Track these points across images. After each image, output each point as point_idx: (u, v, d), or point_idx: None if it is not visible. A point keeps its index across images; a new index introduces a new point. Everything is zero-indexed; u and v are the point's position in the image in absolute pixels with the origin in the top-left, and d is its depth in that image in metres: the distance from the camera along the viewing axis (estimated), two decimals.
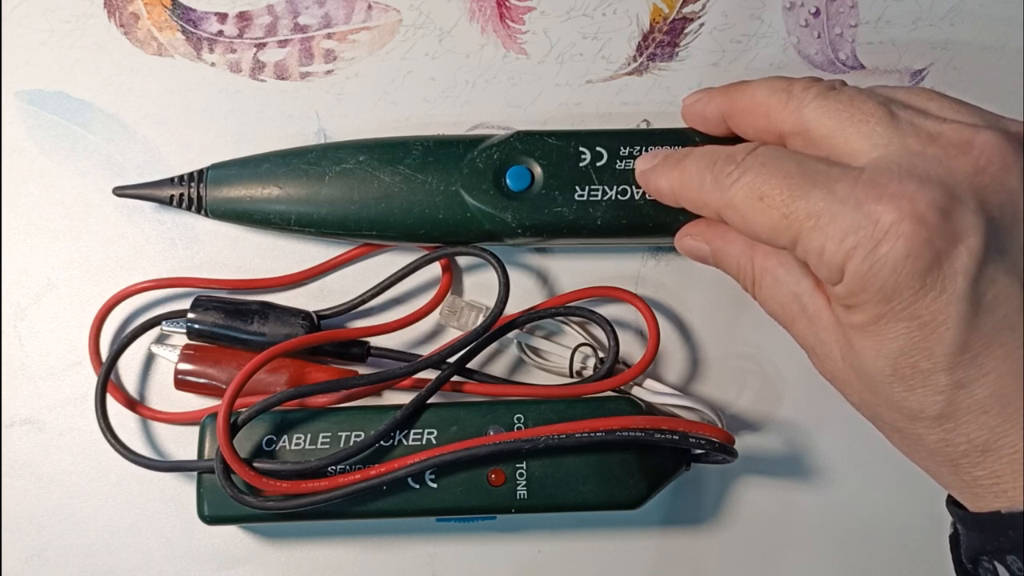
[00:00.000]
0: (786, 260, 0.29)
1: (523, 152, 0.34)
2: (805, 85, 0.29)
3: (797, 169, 0.27)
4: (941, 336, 0.24)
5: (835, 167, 0.26)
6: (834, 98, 0.28)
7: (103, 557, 0.35)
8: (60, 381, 0.35)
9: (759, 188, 0.27)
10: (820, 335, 0.28)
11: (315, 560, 0.35)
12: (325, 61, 0.37)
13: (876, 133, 0.26)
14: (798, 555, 0.35)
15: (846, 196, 0.25)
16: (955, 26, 0.38)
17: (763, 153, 0.28)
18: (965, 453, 0.25)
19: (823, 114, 0.28)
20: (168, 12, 0.38)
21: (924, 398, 0.25)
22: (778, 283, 0.29)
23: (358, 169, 0.34)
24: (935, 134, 0.26)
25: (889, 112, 0.27)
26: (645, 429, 0.31)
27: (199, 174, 0.35)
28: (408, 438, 0.32)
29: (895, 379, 0.26)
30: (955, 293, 0.24)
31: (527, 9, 0.38)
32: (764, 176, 0.27)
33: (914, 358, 0.25)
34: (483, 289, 0.36)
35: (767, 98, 0.30)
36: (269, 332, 0.34)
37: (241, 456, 0.31)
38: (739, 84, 0.31)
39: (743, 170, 0.28)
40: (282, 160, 0.35)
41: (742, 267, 0.31)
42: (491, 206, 0.33)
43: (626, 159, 0.34)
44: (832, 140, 0.27)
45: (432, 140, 0.35)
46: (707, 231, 0.32)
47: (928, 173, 0.25)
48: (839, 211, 0.25)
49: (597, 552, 0.35)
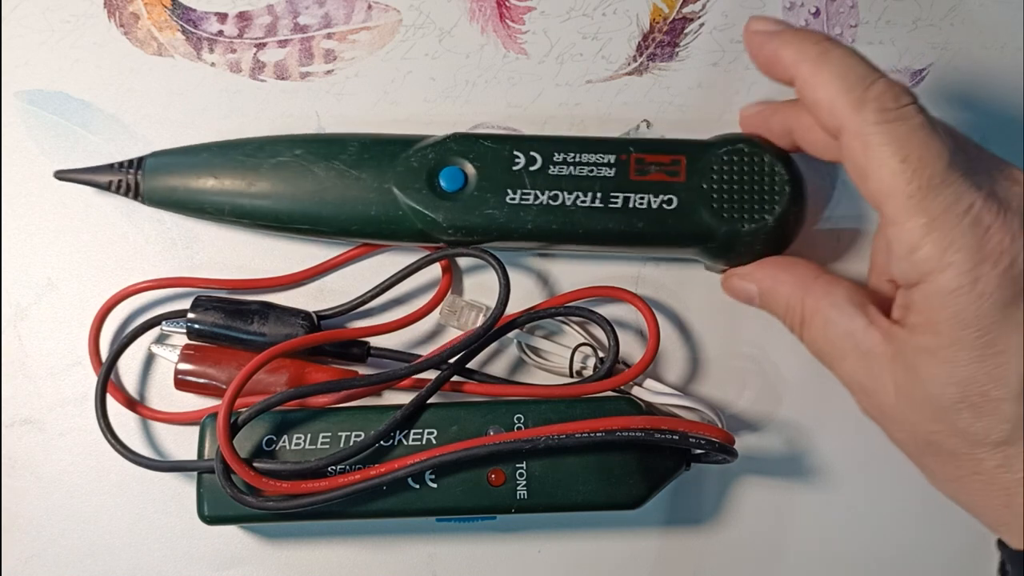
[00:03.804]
0: (838, 301, 0.29)
1: (458, 153, 0.34)
2: (879, 96, 0.27)
3: (948, 155, 0.26)
4: (1015, 367, 0.25)
5: (968, 176, 0.26)
6: (899, 126, 0.27)
7: (103, 557, 0.35)
8: (60, 381, 0.35)
9: (907, 150, 0.26)
10: (872, 371, 0.28)
11: (315, 560, 0.35)
12: (325, 61, 0.37)
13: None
14: (798, 555, 0.35)
15: (967, 210, 0.25)
16: (955, 26, 0.38)
17: (926, 115, 0.27)
18: (1021, 481, 0.26)
19: (888, 141, 0.27)
20: (168, 12, 0.38)
21: (991, 425, 0.26)
22: (829, 323, 0.29)
23: (293, 163, 0.34)
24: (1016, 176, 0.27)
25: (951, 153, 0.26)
26: (645, 429, 0.31)
27: (138, 161, 0.35)
28: (408, 438, 0.32)
29: (963, 405, 0.26)
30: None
31: (527, 9, 0.38)
32: (919, 141, 0.26)
33: (985, 386, 0.25)
34: (483, 289, 0.36)
35: (838, 93, 0.27)
36: (269, 332, 0.34)
37: (241, 456, 0.31)
38: (815, 54, 0.28)
39: (902, 117, 0.26)
40: (220, 151, 0.35)
41: (791, 307, 0.31)
42: (423, 205, 0.33)
43: (559, 164, 0.34)
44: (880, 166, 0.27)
45: (369, 138, 0.35)
46: (758, 272, 0.32)
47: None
48: (955, 222, 0.25)
49: (597, 552, 0.35)
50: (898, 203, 0.26)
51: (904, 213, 0.26)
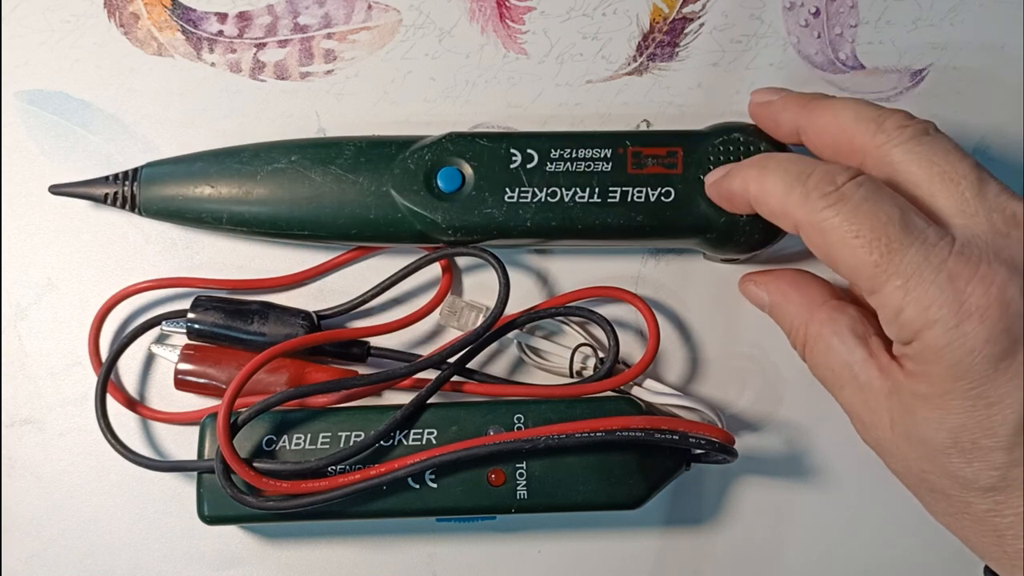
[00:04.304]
0: (840, 330, 0.29)
1: (454, 153, 0.34)
2: (898, 123, 0.28)
3: (900, 218, 0.26)
4: (1006, 417, 0.25)
5: (931, 228, 0.26)
6: (928, 145, 0.27)
7: (103, 557, 0.35)
8: (60, 381, 0.35)
9: (857, 225, 0.26)
10: (870, 403, 0.28)
11: (315, 560, 0.35)
12: (325, 61, 0.37)
13: (965, 199, 0.27)
14: (798, 555, 0.35)
15: (939, 265, 0.25)
16: (955, 26, 0.38)
17: (867, 187, 0.27)
18: (1011, 525, 0.26)
19: (913, 160, 0.27)
20: (168, 12, 0.38)
21: (980, 471, 0.26)
22: (830, 350, 0.29)
23: (290, 169, 0.34)
24: (1019, 217, 0.26)
25: (979, 178, 0.27)
26: (645, 429, 0.31)
27: (133, 172, 0.35)
28: (408, 438, 0.32)
29: (954, 451, 0.26)
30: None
31: (527, 9, 0.38)
32: (865, 214, 0.26)
33: (975, 434, 0.25)
34: (483, 289, 0.36)
35: (853, 124, 0.29)
36: (269, 332, 0.34)
37: (241, 456, 0.31)
38: (822, 100, 0.30)
39: (842, 198, 0.27)
40: (215, 159, 0.34)
41: (795, 328, 0.31)
42: (421, 207, 0.33)
43: (556, 161, 0.34)
44: (917, 190, 0.27)
45: (364, 141, 0.35)
46: (771, 284, 0.32)
47: (1014, 259, 0.25)
48: (930, 279, 0.25)
49: (597, 552, 0.35)
50: (868, 275, 0.26)
51: (877, 281, 0.26)
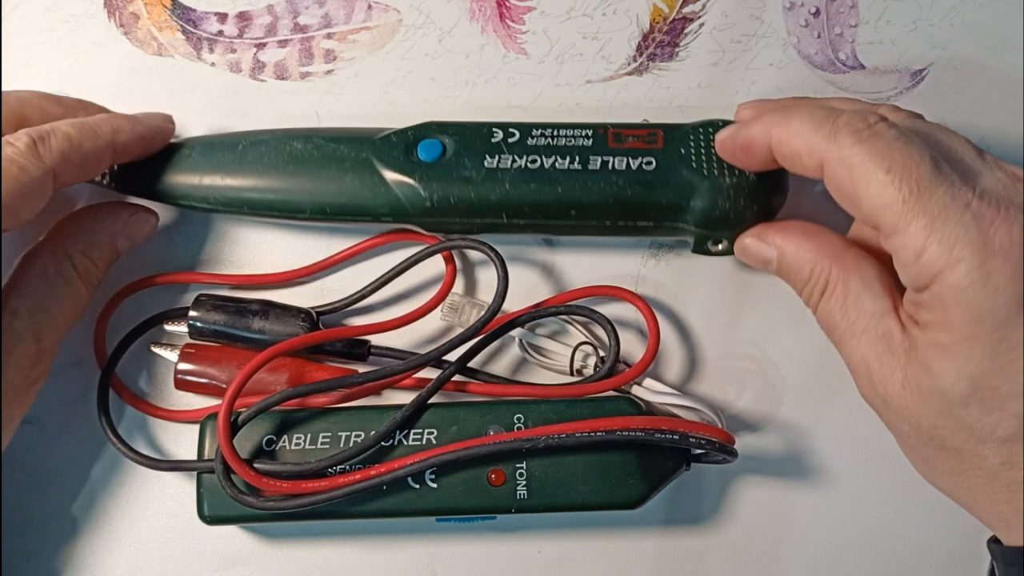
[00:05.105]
0: (867, 276, 0.29)
1: (437, 131, 0.34)
2: (846, 123, 0.28)
3: (930, 157, 0.26)
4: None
5: (957, 171, 0.26)
6: (873, 143, 0.27)
7: (103, 557, 0.35)
8: (60, 381, 0.35)
9: (889, 160, 0.26)
10: (883, 357, 0.28)
11: (315, 560, 0.35)
12: (325, 61, 0.37)
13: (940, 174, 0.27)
14: (798, 555, 0.35)
15: (965, 206, 0.25)
16: (955, 26, 0.38)
17: (900, 127, 0.27)
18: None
19: (866, 154, 0.27)
20: (168, 12, 0.38)
21: (1000, 420, 0.25)
22: (852, 296, 0.29)
23: (271, 140, 0.35)
24: (1019, 173, 0.27)
25: (934, 162, 0.27)
26: (645, 429, 0.31)
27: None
28: (408, 438, 0.32)
29: (973, 400, 0.26)
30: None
31: (527, 9, 0.38)
32: (899, 151, 0.26)
33: (996, 381, 0.25)
34: (486, 287, 0.36)
35: (811, 132, 0.29)
36: (270, 331, 0.34)
37: (241, 456, 0.31)
38: (779, 117, 0.30)
39: (875, 135, 0.27)
40: (199, 140, 0.35)
41: (816, 275, 0.30)
42: (401, 171, 0.34)
43: (537, 136, 0.34)
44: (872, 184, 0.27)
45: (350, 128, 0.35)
46: (781, 235, 0.32)
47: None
48: (955, 219, 0.25)
49: (597, 552, 0.35)
50: (895, 211, 0.26)
51: (903, 219, 0.26)
